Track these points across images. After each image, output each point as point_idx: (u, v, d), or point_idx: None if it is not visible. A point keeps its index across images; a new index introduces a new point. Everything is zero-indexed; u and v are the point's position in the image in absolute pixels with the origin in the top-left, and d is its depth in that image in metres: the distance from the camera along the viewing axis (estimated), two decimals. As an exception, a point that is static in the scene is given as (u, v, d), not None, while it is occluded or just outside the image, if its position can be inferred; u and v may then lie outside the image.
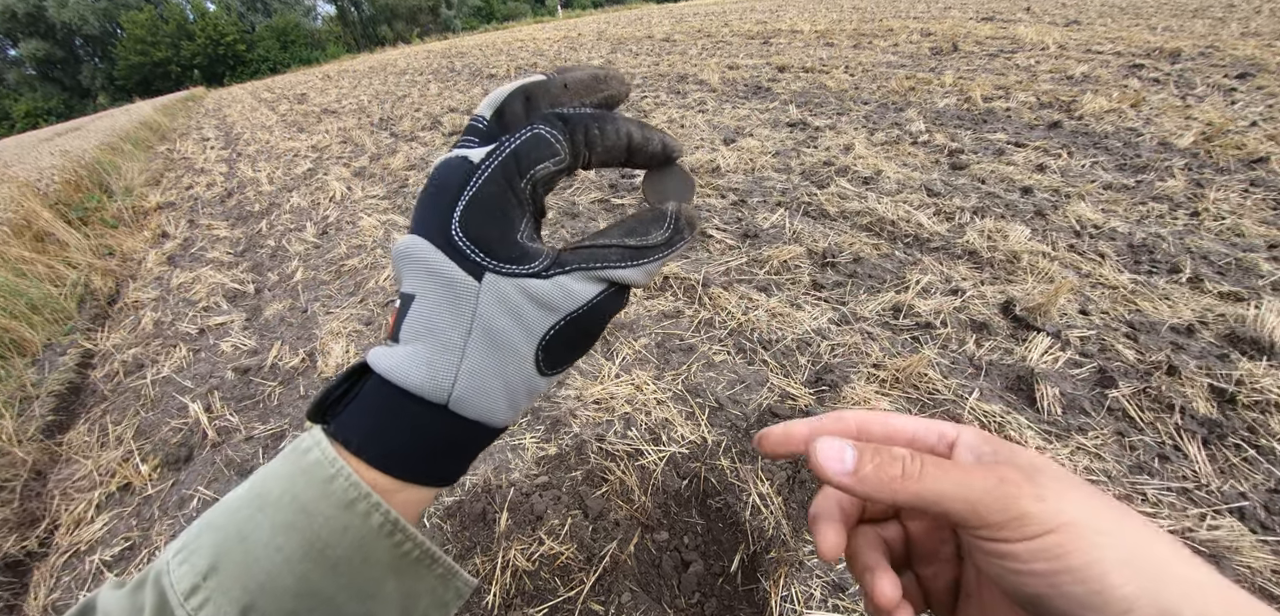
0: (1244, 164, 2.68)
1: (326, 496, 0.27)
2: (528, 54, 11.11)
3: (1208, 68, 4.06)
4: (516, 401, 0.31)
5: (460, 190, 0.29)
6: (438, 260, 0.29)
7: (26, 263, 3.60)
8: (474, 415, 0.30)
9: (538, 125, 0.30)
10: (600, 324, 0.32)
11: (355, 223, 3.63)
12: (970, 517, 0.25)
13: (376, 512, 0.28)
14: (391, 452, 0.29)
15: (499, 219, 0.29)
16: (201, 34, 45.32)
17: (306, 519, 0.26)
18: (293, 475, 0.28)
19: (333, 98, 10.19)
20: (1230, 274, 1.98)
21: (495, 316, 0.29)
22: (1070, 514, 0.24)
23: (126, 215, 4.90)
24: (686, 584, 1.29)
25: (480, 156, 0.29)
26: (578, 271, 0.30)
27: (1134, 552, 0.23)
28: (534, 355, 0.30)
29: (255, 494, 0.28)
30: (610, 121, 0.32)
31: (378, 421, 0.29)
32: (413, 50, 21.43)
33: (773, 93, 5.16)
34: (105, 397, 2.34)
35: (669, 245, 0.33)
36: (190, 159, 7.21)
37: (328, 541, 0.27)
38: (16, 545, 1.70)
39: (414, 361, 0.29)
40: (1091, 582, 0.23)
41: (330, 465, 0.28)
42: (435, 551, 0.31)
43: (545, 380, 0.32)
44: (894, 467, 0.27)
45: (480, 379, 0.29)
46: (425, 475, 0.30)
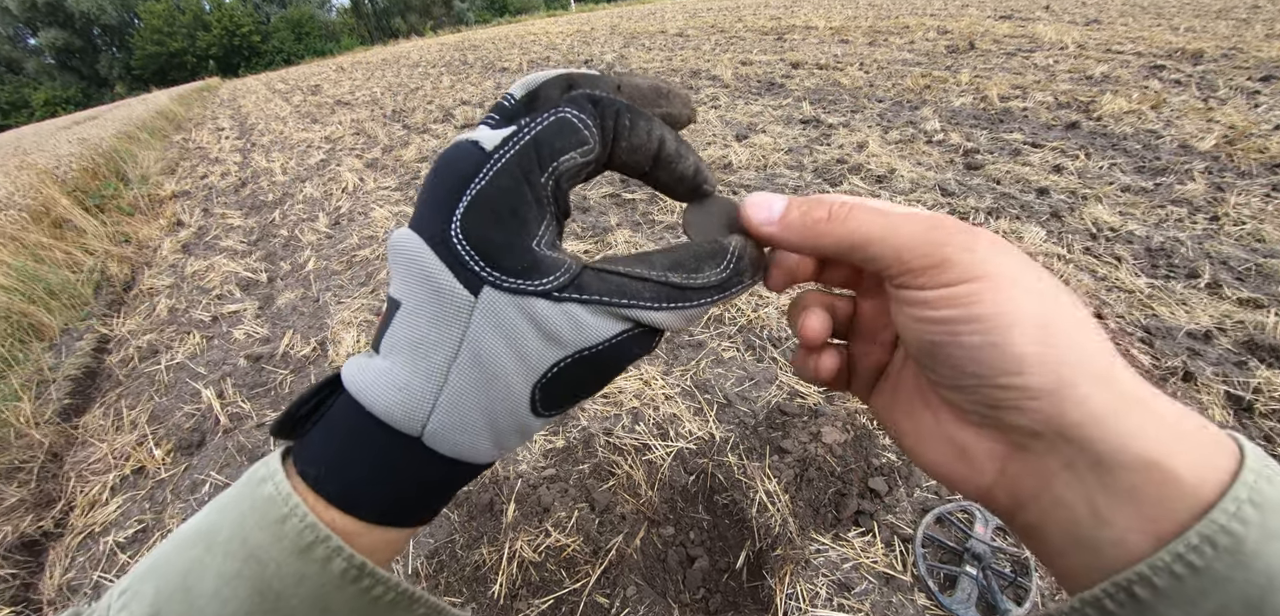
0: (1266, 168, 2.62)
1: (278, 539, 0.23)
2: (540, 48, 11.11)
3: (1231, 69, 3.98)
4: (503, 440, 0.26)
5: (466, 183, 0.24)
6: (430, 264, 0.24)
7: (45, 248, 3.67)
8: (450, 452, 0.25)
9: (564, 108, 0.25)
10: (617, 368, 0.27)
11: (367, 214, 3.65)
12: (893, 263, 0.25)
13: (338, 558, 0.23)
14: (353, 489, 0.25)
15: (508, 221, 0.24)
16: (217, 25, 45.80)
17: (257, 567, 0.23)
18: (244, 513, 0.24)
19: (346, 89, 10.26)
20: (1250, 280, 1.94)
21: (488, 340, 0.24)
22: (994, 268, 0.23)
23: (142, 203, 4.97)
24: (692, 579, 1.29)
25: (494, 142, 0.25)
26: (596, 304, 0.25)
27: (1049, 318, 0.22)
28: (530, 392, 0.26)
29: (204, 531, 0.24)
30: (644, 118, 0.27)
31: (341, 450, 0.25)
32: (426, 42, 21.53)
33: (786, 89, 5.12)
34: (120, 382, 2.38)
35: (722, 289, 0.27)
36: (205, 148, 7.29)
37: (280, 592, 0.23)
38: (33, 525, 1.73)
39: (388, 382, 0.24)
40: (993, 333, 0.22)
41: (284, 503, 0.24)
42: (414, 591, 0.27)
43: (540, 421, 0.27)
44: (820, 211, 0.26)
45: (461, 412, 0.25)
46: (392, 516, 0.26)
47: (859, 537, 1.30)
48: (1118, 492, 0.20)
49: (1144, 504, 0.20)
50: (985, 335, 0.22)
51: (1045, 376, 0.21)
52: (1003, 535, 1.26)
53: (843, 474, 1.43)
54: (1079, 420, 0.21)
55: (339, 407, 0.26)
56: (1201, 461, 0.20)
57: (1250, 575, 0.18)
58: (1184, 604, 0.19)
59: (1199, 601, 0.18)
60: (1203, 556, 0.18)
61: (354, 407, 0.25)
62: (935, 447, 0.27)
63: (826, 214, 0.26)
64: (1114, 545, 0.20)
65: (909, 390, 0.29)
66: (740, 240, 0.28)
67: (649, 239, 2.74)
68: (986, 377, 0.23)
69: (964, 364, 0.23)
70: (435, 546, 1.41)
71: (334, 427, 0.25)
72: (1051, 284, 0.23)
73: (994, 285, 0.22)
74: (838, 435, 1.52)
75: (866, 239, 0.25)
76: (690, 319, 0.27)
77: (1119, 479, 0.20)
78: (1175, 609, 0.19)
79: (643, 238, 2.75)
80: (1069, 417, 0.21)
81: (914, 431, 0.29)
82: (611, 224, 2.89)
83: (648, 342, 0.27)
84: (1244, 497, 0.18)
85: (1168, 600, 0.19)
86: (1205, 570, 0.18)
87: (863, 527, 1.32)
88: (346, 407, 0.25)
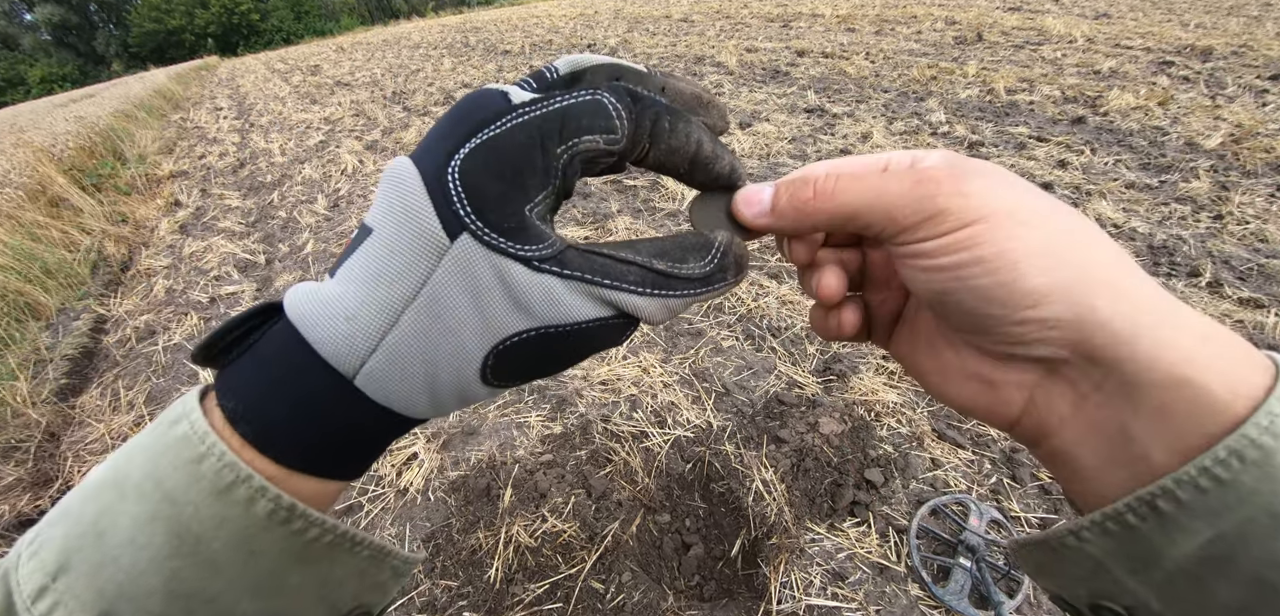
0: (1272, 168, 2.60)
1: (195, 480, 0.22)
2: (543, 30, 10.99)
3: (1240, 67, 3.94)
4: (440, 401, 0.25)
5: (480, 128, 0.23)
6: (414, 195, 0.23)
7: (41, 227, 3.65)
8: (383, 399, 0.23)
9: (604, 93, 0.24)
10: (578, 354, 0.26)
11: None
12: (887, 225, 0.24)
13: (261, 498, 0.22)
14: (272, 428, 0.23)
15: (509, 178, 0.23)
16: (216, 3, 45.28)
17: (173, 508, 0.21)
18: (157, 454, 0.22)
19: (346, 70, 10.16)
20: (1251, 280, 1.93)
21: (450, 289, 0.23)
22: (991, 206, 0.22)
23: (139, 183, 4.94)
24: (687, 566, 1.29)
25: (522, 99, 0.24)
26: (577, 281, 0.24)
27: (1055, 243, 0.21)
28: (483, 356, 0.24)
29: (115, 476, 0.22)
30: (684, 120, 0.26)
31: (266, 384, 0.23)
32: (427, 24, 21.30)
33: (791, 77, 5.07)
34: (117, 363, 2.37)
35: (706, 282, 0.27)
36: (203, 128, 7.23)
37: (201, 534, 0.21)
38: (30, 504, 1.74)
39: (336, 310, 0.23)
40: (1001, 272, 0.21)
41: (200, 442, 0.22)
42: (355, 533, 0.25)
43: (486, 390, 0.25)
44: (805, 190, 0.26)
45: (404, 358, 0.23)
46: (313, 463, 0.24)
47: (854, 528, 1.30)
48: (1148, 411, 0.20)
49: (1174, 420, 0.19)
50: (993, 275, 0.22)
51: (1062, 303, 0.21)
52: (997, 528, 1.26)
53: (839, 464, 1.43)
54: (1104, 342, 0.21)
55: (272, 334, 0.24)
56: (1233, 375, 0.19)
57: (1276, 486, 0.17)
58: (1208, 516, 0.18)
59: (1224, 514, 0.18)
60: (1230, 469, 0.18)
61: (289, 335, 0.23)
62: (960, 384, 0.27)
63: (812, 193, 0.26)
64: (1142, 461, 0.20)
65: (929, 330, 0.29)
66: (727, 235, 0.28)
67: (650, 226, 2.72)
68: (1002, 315, 0.22)
69: (978, 307, 0.23)
70: (432, 530, 1.42)
71: (262, 357, 0.23)
72: (1051, 204, 0.23)
73: (993, 224, 0.22)
74: (835, 426, 1.52)
75: (855, 208, 0.25)
76: (671, 310, 0.26)
77: (1149, 397, 0.20)
78: (1199, 520, 0.18)
79: (644, 225, 2.74)
80: (1094, 341, 0.21)
81: (938, 370, 0.28)
82: (612, 210, 2.88)
83: (619, 333, 0.26)
84: (1278, 411, 0.18)
85: (1191, 512, 0.18)
86: (1232, 483, 0.18)
87: (858, 518, 1.32)
88: (281, 335, 0.23)
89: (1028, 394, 0.24)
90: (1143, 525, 0.20)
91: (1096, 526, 0.21)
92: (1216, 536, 0.18)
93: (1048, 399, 0.24)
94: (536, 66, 0.31)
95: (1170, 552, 0.19)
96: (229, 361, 0.24)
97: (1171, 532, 0.19)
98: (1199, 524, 0.19)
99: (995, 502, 1.31)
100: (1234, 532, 0.18)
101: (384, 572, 0.28)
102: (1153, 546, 0.20)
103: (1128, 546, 0.21)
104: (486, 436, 1.65)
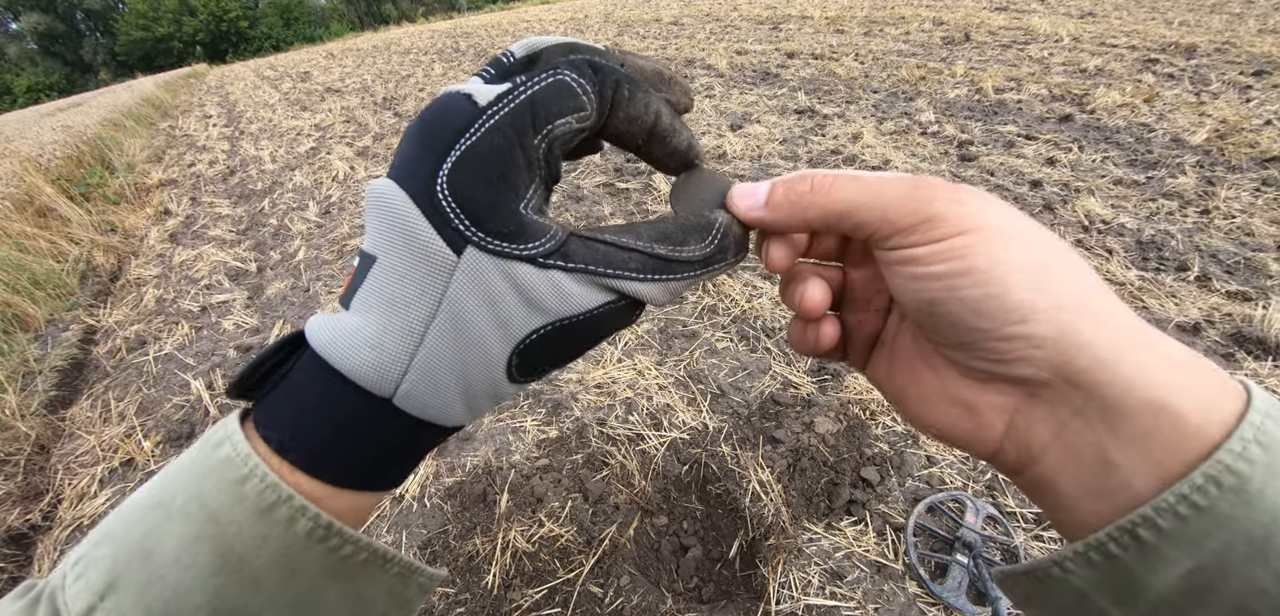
0: (1257, 162, 2.64)
1: (239, 501, 0.22)
2: (534, 35, 10.99)
3: (1223, 64, 4.00)
4: (476, 405, 0.26)
5: (455, 138, 0.23)
6: (413, 221, 0.23)
7: (29, 238, 3.60)
8: (420, 414, 0.25)
9: (563, 71, 0.25)
10: (596, 337, 0.27)
11: (358, 202, 3.61)
12: (881, 225, 0.24)
13: (302, 518, 0.23)
14: (319, 451, 0.24)
15: (497, 181, 0.24)
16: (204, 9, 44.93)
17: (217, 527, 0.22)
18: (201, 476, 0.23)
19: (336, 76, 10.11)
20: (1238, 273, 1.96)
21: (468, 301, 0.24)
22: (984, 219, 0.23)
23: (128, 192, 4.89)
24: (685, 568, 1.29)
25: (488, 98, 0.24)
26: (581, 273, 0.25)
27: (1044, 263, 0.22)
28: (507, 358, 0.25)
29: (160, 497, 0.23)
30: (642, 90, 0.27)
31: (306, 411, 0.24)
32: (417, 29, 21.24)
33: (781, 79, 5.10)
34: (108, 374, 2.35)
35: (707, 263, 0.27)
36: (192, 136, 7.18)
37: (244, 553, 0.22)
38: (20, 519, 1.71)
39: (360, 341, 0.23)
40: (991, 284, 0.22)
41: (242, 463, 0.23)
42: (386, 550, 0.26)
43: (514, 387, 0.27)
44: (803, 184, 0.26)
45: (436, 374, 0.24)
46: (360, 479, 0.25)
47: (851, 526, 1.31)
48: (1128, 437, 0.20)
49: (1152, 447, 0.20)
50: (983, 286, 0.22)
51: (1048, 322, 0.21)
52: (993, 524, 1.27)
53: (835, 463, 1.43)
54: (1085, 365, 0.21)
55: (302, 366, 0.25)
56: (1207, 402, 0.19)
57: (1255, 514, 0.18)
58: (1188, 544, 0.18)
59: (1203, 541, 0.18)
60: (1207, 496, 0.18)
61: (320, 366, 0.24)
62: (940, 408, 0.27)
63: (810, 187, 0.26)
64: (1123, 489, 0.20)
65: (908, 353, 0.29)
66: (726, 216, 0.28)
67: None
68: (989, 329, 0.22)
69: (965, 318, 0.23)
70: (428, 537, 1.41)
71: (297, 388, 0.25)
72: (1039, 230, 0.23)
73: (986, 236, 0.22)
74: (830, 425, 1.52)
75: (852, 205, 0.25)
76: (674, 293, 0.27)
77: (1129, 422, 0.20)
78: (1179, 549, 0.19)
79: (637, 228, 2.74)
80: (1075, 362, 0.21)
81: (917, 394, 0.28)
82: (604, 213, 2.88)
83: (629, 315, 0.27)
84: (1250, 438, 0.18)
85: (1171, 540, 0.19)
86: (1209, 510, 0.18)
87: (855, 517, 1.33)
88: (311, 367, 0.24)
89: (1009, 418, 0.24)
90: (1125, 555, 0.20)
91: (1079, 556, 0.21)
92: (1197, 566, 0.18)
93: (1029, 424, 0.24)
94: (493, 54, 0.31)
95: (1153, 583, 0.19)
96: (263, 394, 0.25)
97: (1153, 562, 0.19)
98: (1179, 553, 0.19)
99: (991, 498, 1.32)
100: (1213, 562, 0.18)
101: (411, 589, 0.29)
102: (1136, 576, 0.20)
103: (1111, 577, 0.20)
104: (482, 442, 1.65)
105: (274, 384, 0.25)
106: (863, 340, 0.32)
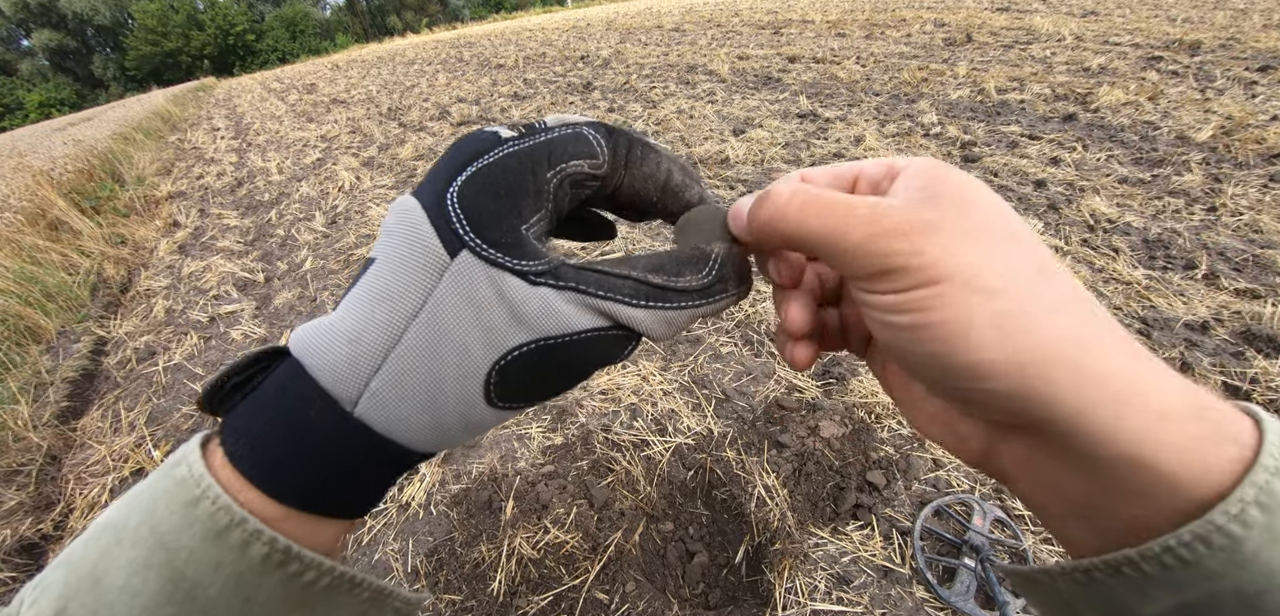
0: (1264, 159, 2.62)
1: (190, 524, 0.21)
2: (536, 44, 11.07)
3: (1228, 60, 3.97)
4: (443, 424, 0.24)
5: (473, 159, 0.25)
6: (416, 222, 0.24)
7: (41, 251, 3.65)
8: (382, 426, 0.23)
9: (582, 126, 0.27)
10: (585, 366, 0.26)
11: (364, 212, 3.64)
12: (843, 269, 0.24)
13: (257, 542, 0.22)
14: (275, 467, 0.23)
15: (504, 199, 0.24)
16: (211, 24, 45.58)
17: (166, 554, 0.21)
18: (154, 498, 0.22)
19: (341, 88, 10.22)
20: (1247, 270, 1.94)
21: (452, 302, 0.23)
22: (949, 269, 0.21)
23: (138, 204, 4.95)
24: (691, 574, 1.29)
25: (512, 135, 0.26)
26: (572, 291, 0.24)
27: (1012, 314, 0.20)
28: (486, 373, 0.24)
29: (115, 521, 0.22)
30: (654, 150, 0.29)
31: (266, 420, 0.23)
32: (421, 40, 21.43)
33: (783, 83, 5.11)
34: (118, 384, 2.37)
35: (705, 295, 0.27)
36: (201, 149, 7.26)
37: (196, 580, 0.21)
38: (32, 528, 1.73)
39: (337, 334, 0.23)
40: (954, 342, 0.21)
41: (196, 485, 0.22)
42: (355, 574, 0.25)
43: (490, 414, 0.25)
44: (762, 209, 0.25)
45: (407, 378, 0.23)
46: (316, 502, 0.23)
47: (857, 531, 1.30)
48: (1107, 485, 0.20)
49: (1133, 499, 0.19)
50: (945, 343, 0.21)
51: (1009, 379, 0.20)
52: (1001, 528, 1.26)
53: (841, 467, 1.43)
54: (1051, 418, 0.20)
55: (277, 374, 0.24)
56: (1197, 455, 0.18)
57: (1248, 575, 0.17)
58: (1174, 588, 0.18)
59: (1190, 587, 0.18)
60: (1194, 552, 0.18)
61: (292, 371, 0.23)
62: (926, 419, 0.27)
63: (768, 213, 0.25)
64: (1108, 523, 0.20)
65: None
66: (723, 246, 0.28)
67: (647, 235, 2.73)
68: (952, 384, 0.22)
69: (929, 366, 0.22)
70: (434, 544, 1.42)
71: (262, 397, 0.23)
72: (1019, 264, 0.21)
73: (949, 290, 0.21)
74: (836, 429, 1.52)
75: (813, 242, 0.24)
76: (669, 322, 0.26)
77: (1107, 472, 0.20)
78: (1164, 591, 0.19)
79: (640, 234, 2.74)
80: (1040, 414, 0.20)
81: (907, 399, 0.28)
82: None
83: (619, 347, 0.26)
84: (1250, 498, 0.17)
85: (1156, 583, 0.19)
86: (1196, 564, 0.18)
87: (861, 521, 1.32)
88: (284, 373, 0.23)
89: (987, 444, 0.24)
90: (1110, 580, 0.20)
91: (1066, 575, 0.21)
92: (1182, 604, 0.18)
93: (1009, 450, 0.23)
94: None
95: (1141, 609, 0.19)
96: (233, 406, 0.24)
97: (1137, 594, 0.19)
98: (1164, 593, 0.19)
99: (998, 501, 1.31)
100: (1201, 603, 0.18)
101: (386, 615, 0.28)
102: (1122, 600, 0.20)
103: (1097, 598, 0.21)
104: (487, 449, 1.65)
105: (246, 395, 0.24)
106: (861, 336, 0.32)
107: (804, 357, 0.31)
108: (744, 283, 0.28)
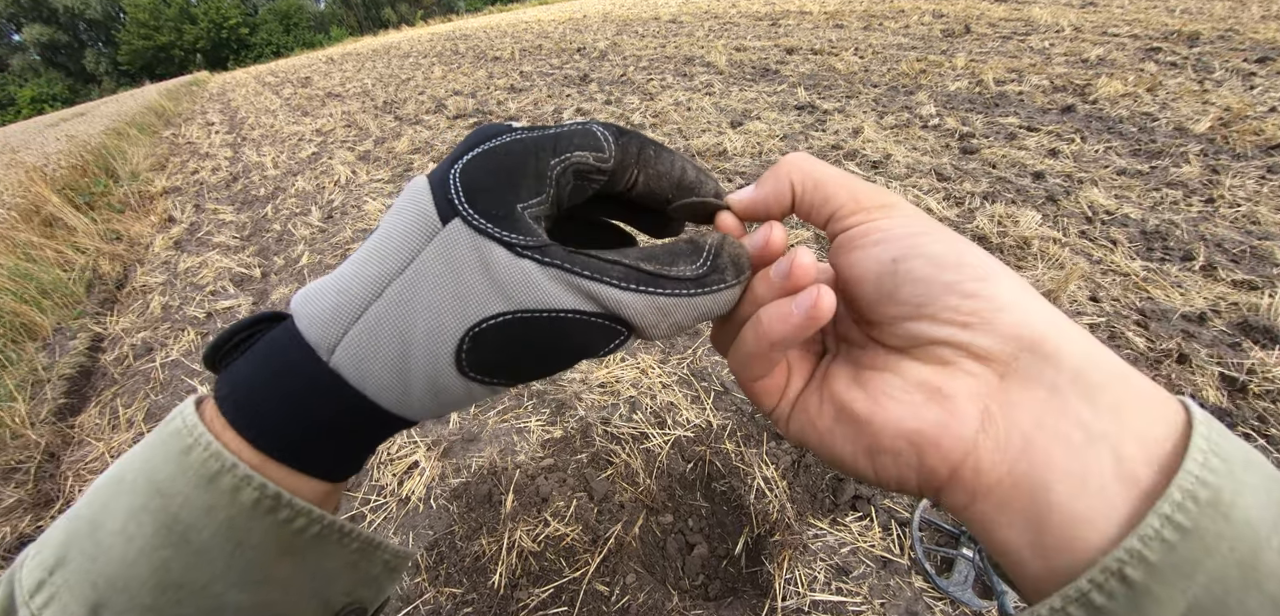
0: (1262, 150, 2.63)
1: (184, 471, 0.22)
2: (532, 36, 10.99)
3: (1227, 51, 3.97)
4: (409, 383, 0.24)
5: (482, 143, 0.26)
6: (419, 194, 0.25)
7: (36, 247, 3.63)
8: (355, 379, 0.24)
9: (593, 123, 0.28)
10: (560, 350, 0.25)
11: (360, 206, 3.63)
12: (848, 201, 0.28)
13: (247, 487, 0.22)
14: (259, 416, 0.23)
15: (503, 177, 0.25)
16: (204, 18, 45.18)
17: (161, 499, 0.22)
18: (152, 449, 0.23)
19: (337, 81, 10.15)
20: (1244, 262, 1.94)
21: (433, 264, 0.24)
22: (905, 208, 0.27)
23: (133, 200, 4.91)
24: (691, 566, 1.29)
25: (523, 126, 0.27)
26: (558, 269, 0.24)
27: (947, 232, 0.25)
28: (459, 338, 0.24)
29: (117, 474, 0.23)
30: (667, 150, 0.29)
31: (255, 370, 0.24)
32: (416, 33, 21.28)
33: (781, 75, 5.09)
34: (115, 381, 2.36)
35: (699, 284, 0.26)
36: (195, 143, 7.21)
37: (190, 524, 0.22)
38: (31, 526, 1.73)
39: (329, 285, 0.24)
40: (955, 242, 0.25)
41: (189, 433, 0.23)
42: (344, 525, 0.26)
43: (459, 384, 0.25)
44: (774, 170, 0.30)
45: (380, 332, 0.24)
46: (299, 455, 0.24)
47: (856, 522, 1.31)
48: (1104, 407, 0.20)
49: (1131, 418, 0.20)
50: (947, 242, 0.24)
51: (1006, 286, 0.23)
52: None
53: (840, 460, 1.43)
54: (1044, 332, 0.22)
55: (273, 332, 0.25)
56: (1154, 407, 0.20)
57: (1237, 530, 0.17)
58: (1179, 577, 0.17)
59: (1194, 571, 0.17)
60: (1187, 513, 0.17)
61: (284, 328, 0.25)
62: (904, 405, 0.24)
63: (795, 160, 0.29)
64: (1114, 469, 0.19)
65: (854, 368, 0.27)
66: (719, 235, 0.27)
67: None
68: (953, 282, 0.23)
69: (929, 271, 0.24)
70: (435, 538, 1.42)
71: (256, 350, 0.25)
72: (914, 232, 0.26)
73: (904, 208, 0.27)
74: (835, 421, 1.52)
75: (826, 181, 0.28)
76: (661, 309, 0.25)
77: (1102, 393, 0.20)
78: (1169, 586, 0.17)
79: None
80: (1036, 328, 0.22)
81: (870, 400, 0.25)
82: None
83: (601, 338, 0.25)
84: (1205, 448, 0.18)
85: (1161, 576, 0.17)
86: (1194, 531, 0.17)
87: (860, 512, 1.33)
88: (280, 329, 0.25)
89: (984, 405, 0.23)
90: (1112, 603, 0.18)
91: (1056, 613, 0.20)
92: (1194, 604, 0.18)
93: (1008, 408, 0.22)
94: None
95: None
96: (231, 363, 0.25)
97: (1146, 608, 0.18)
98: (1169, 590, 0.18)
99: (995, 491, 1.32)
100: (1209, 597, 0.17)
101: (376, 567, 0.28)
102: None
103: None
104: (487, 442, 1.65)
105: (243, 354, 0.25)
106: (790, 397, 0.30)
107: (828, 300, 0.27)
108: (741, 272, 0.27)
